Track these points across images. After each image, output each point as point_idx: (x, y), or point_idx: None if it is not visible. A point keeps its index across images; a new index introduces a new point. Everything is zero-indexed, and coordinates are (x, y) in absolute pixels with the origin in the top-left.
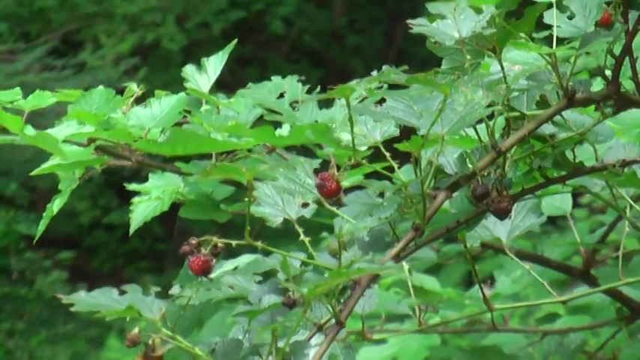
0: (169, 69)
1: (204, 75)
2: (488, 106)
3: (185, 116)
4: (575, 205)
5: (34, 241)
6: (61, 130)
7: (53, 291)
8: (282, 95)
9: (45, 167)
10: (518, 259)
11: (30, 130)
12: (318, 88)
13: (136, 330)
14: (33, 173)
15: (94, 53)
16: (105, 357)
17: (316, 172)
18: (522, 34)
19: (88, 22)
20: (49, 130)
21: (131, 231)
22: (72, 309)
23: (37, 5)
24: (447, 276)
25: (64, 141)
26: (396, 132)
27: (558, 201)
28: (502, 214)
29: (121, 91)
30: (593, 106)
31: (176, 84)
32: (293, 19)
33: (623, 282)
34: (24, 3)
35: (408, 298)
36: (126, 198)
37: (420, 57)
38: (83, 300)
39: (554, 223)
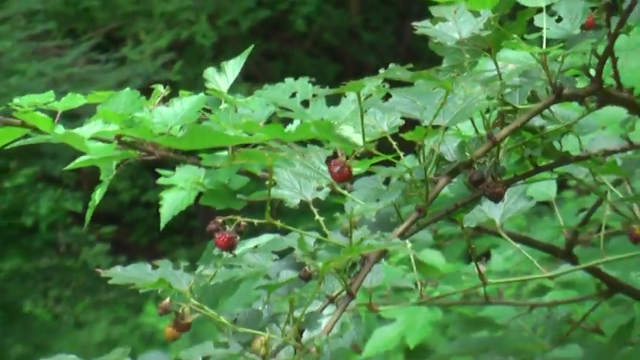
0: (202, 63)
1: (223, 76)
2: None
3: (203, 114)
4: (564, 187)
5: (85, 226)
6: (89, 129)
7: (97, 262)
8: (294, 95)
9: (77, 162)
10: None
11: (60, 129)
12: (333, 82)
13: (167, 300)
14: (67, 168)
15: (134, 48)
16: (143, 321)
17: (329, 159)
18: (515, 36)
19: (129, 20)
20: (77, 129)
21: (162, 225)
22: (110, 282)
23: (82, 5)
24: (450, 251)
25: (91, 138)
26: (402, 122)
27: (545, 187)
28: (496, 198)
29: (157, 83)
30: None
31: None
32: (314, 17)
33: (600, 260)
34: (70, 3)
35: (411, 273)
36: None
37: (428, 53)
38: (119, 274)
39: (548, 204)
